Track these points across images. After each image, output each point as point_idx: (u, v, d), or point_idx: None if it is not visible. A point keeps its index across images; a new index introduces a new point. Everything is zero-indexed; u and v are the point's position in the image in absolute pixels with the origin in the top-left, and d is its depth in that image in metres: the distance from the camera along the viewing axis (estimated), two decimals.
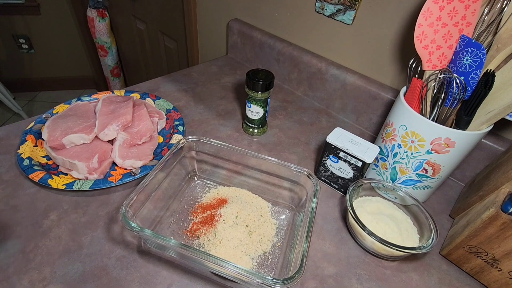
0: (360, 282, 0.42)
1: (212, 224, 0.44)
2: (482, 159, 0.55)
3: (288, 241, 0.44)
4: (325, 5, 0.67)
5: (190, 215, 0.47)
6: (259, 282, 0.31)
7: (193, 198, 0.50)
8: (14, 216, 0.44)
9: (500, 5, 0.39)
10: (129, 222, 0.35)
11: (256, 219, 0.46)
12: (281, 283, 0.31)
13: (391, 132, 0.48)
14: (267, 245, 0.43)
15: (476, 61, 0.40)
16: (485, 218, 0.38)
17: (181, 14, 1.12)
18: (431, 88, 0.44)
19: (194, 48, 1.12)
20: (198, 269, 0.41)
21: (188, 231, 0.44)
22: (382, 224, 0.45)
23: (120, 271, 0.40)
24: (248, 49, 0.88)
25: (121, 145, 0.54)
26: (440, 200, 0.55)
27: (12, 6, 1.89)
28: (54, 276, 0.38)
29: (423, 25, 0.42)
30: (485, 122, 0.42)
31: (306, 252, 0.34)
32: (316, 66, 0.73)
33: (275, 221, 0.47)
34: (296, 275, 0.31)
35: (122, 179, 0.49)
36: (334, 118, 0.74)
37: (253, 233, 0.44)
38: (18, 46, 2.06)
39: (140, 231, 0.34)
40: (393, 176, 0.51)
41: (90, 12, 1.68)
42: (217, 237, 0.42)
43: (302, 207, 0.44)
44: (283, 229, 0.47)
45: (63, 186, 0.46)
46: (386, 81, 0.66)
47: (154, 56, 1.56)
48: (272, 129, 0.68)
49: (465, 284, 0.43)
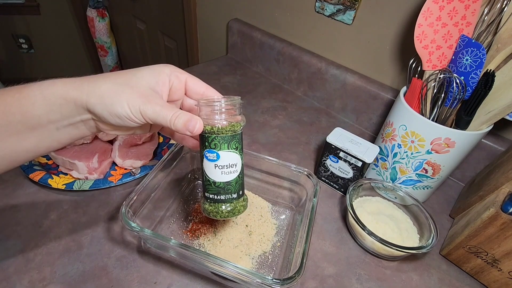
0: (360, 282, 0.42)
1: (212, 224, 0.44)
2: (482, 159, 0.55)
3: (288, 241, 0.44)
4: (325, 5, 0.67)
5: (190, 215, 0.47)
6: (259, 282, 0.31)
7: (193, 198, 0.50)
8: (14, 216, 0.44)
9: (500, 5, 0.39)
10: (129, 222, 0.35)
11: (256, 219, 0.46)
12: (281, 283, 0.31)
13: (391, 132, 0.48)
14: (267, 245, 0.43)
15: (476, 61, 0.40)
16: (485, 218, 0.38)
17: (181, 14, 1.12)
18: (431, 88, 0.44)
19: (194, 48, 1.12)
20: (198, 269, 0.41)
21: (188, 231, 0.44)
22: (382, 224, 0.45)
23: (120, 271, 0.40)
24: (248, 49, 0.88)
25: (121, 145, 0.54)
26: (440, 200, 0.55)
27: (12, 6, 1.88)
28: (54, 276, 0.38)
29: (423, 25, 0.42)
30: (485, 122, 0.42)
31: (306, 252, 0.34)
32: (316, 66, 0.73)
33: (275, 221, 0.47)
34: (296, 275, 0.31)
35: (122, 179, 0.49)
36: (334, 118, 0.74)
37: (253, 233, 0.44)
38: (18, 46, 2.06)
39: (140, 231, 0.34)
40: (393, 176, 0.51)
41: (90, 12, 1.68)
42: (217, 237, 0.42)
43: (302, 207, 0.44)
44: (283, 229, 0.47)
45: (63, 186, 0.46)
46: (386, 81, 0.66)
47: (154, 56, 1.56)
48: (272, 129, 0.68)
49: (465, 284, 0.43)
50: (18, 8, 1.91)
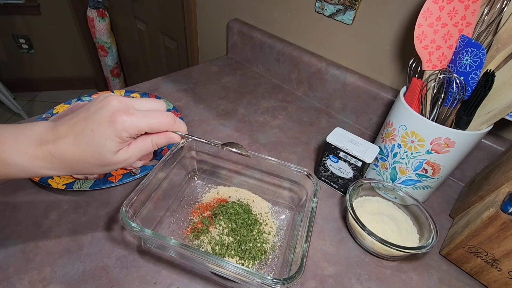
0: (360, 282, 0.42)
1: (212, 224, 0.44)
2: (482, 159, 0.55)
3: (288, 241, 0.44)
4: (325, 5, 0.67)
5: (190, 215, 0.47)
6: (259, 282, 0.31)
7: (193, 198, 0.50)
8: (14, 216, 0.44)
9: (500, 5, 0.39)
10: (129, 222, 0.35)
11: (257, 219, 0.46)
12: (281, 283, 0.31)
13: (391, 132, 0.48)
14: (267, 245, 0.43)
15: (476, 61, 0.40)
16: (485, 218, 0.38)
17: (181, 14, 1.12)
18: (431, 88, 0.44)
19: (194, 48, 1.12)
20: (198, 269, 0.41)
21: (188, 231, 0.44)
22: (382, 224, 0.45)
23: (120, 271, 0.40)
24: (248, 49, 0.88)
25: None
26: (440, 200, 0.55)
27: (12, 6, 1.89)
28: (54, 276, 0.38)
29: (423, 25, 0.42)
30: (485, 122, 0.42)
31: (306, 252, 0.34)
32: (316, 66, 0.73)
33: (275, 221, 0.47)
34: (296, 275, 0.31)
35: (122, 179, 0.49)
36: (334, 118, 0.74)
37: (253, 233, 0.44)
38: (18, 46, 2.06)
39: (140, 231, 0.34)
40: (393, 176, 0.51)
41: (90, 12, 1.68)
42: (217, 237, 0.42)
43: (302, 207, 0.44)
44: (283, 229, 0.47)
45: (63, 186, 0.46)
46: (386, 81, 0.66)
47: (154, 56, 1.56)
48: (272, 129, 0.68)
49: (465, 284, 0.43)
50: (18, 8, 1.91)
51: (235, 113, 0.71)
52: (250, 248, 0.42)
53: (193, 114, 0.69)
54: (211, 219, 0.45)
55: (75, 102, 0.63)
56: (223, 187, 0.51)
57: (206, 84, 0.81)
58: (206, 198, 0.50)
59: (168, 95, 0.75)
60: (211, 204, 0.48)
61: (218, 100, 0.75)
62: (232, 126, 0.67)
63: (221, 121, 0.68)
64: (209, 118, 0.69)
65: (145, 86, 0.77)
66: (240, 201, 0.48)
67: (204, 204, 0.48)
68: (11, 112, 2.10)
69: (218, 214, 0.45)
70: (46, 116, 0.59)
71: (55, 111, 0.61)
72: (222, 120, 0.69)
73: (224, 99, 0.76)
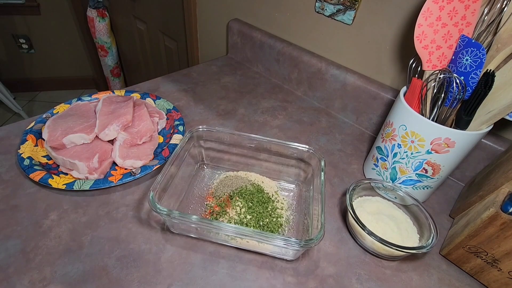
0: (360, 282, 0.42)
1: (229, 206, 0.47)
2: (482, 159, 0.55)
3: (299, 212, 0.49)
4: (325, 5, 0.67)
5: (206, 201, 0.49)
6: (284, 244, 0.36)
7: (205, 185, 0.53)
8: (14, 216, 0.44)
9: (500, 5, 0.39)
10: (157, 206, 0.37)
11: (269, 196, 0.49)
12: (304, 244, 0.36)
13: (391, 132, 0.48)
14: (282, 220, 0.47)
15: (476, 61, 0.40)
16: (485, 218, 0.38)
17: (181, 14, 1.12)
18: (431, 88, 0.44)
19: (194, 48, 1.12)
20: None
21: (206, 215, 0.47)
22: (382, 224, 0.45)
23: (120, 271, 0.40)
24: (248, 49, 0.88)
25: (121, 145, 0.54)
26: (440, 200, 0.55)
27: (12, 6, 1.89)
28: (54, 276, 0.38)
29: (423, 25, 0.42)
30: (485, 122, 0.42)
31: (323, 219, 0.39)
32: (316, 66, 0.73)
33: (285, 198, 0.51)
34: (319, 236, 0.36)
35: (122, 179, 0.49)
36: (334, 118, 0.74)
37: (268, 211, 0.47)
38: (18, 46, 2.06)
39: (168, 213, 0.37)
40: (393, 176, 0.51)
41: (90, 12, 1.68)
42: (235, 218, 0.45)
43: (307, 183, 0.49)
44: (293, 204, 0.51)
45: (64, 186, 0.46)
46: (386, 81, 0.66)
47: (154, 56, 1.56)
48: (272, 129, 0.68)
49: (465, 284, 0.43)
50: (18, 8, 1.91)
51: (235, 113, 0.72)
52: (267, 223, 0.45)
53: (193, 114, 0.69)
54: (227, 201, 0.47)
55: (76, 102, 0.63)
56: (232, 172, 0.54)
57: (206, 84, 0.81)
58: (217, 183, 0.52)
59: (168, 95, 0.75)
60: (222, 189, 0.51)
61: (218, 100, 0.75)
62: (232, 126, 0.67)
63: (221, 121, 0.68)
64: (209, 118, 0.69)
65: (145, 86, 0.77)
66: (252, 182, 0.51)
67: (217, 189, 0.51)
68: (11, 112, 2.10)
69: (234, 195, 0.48)
70: (46, 116, 0.59)
71: (55, 111, 0.61)
72: (222, 120, 0.69)
73: (224, 99, 0.76)
